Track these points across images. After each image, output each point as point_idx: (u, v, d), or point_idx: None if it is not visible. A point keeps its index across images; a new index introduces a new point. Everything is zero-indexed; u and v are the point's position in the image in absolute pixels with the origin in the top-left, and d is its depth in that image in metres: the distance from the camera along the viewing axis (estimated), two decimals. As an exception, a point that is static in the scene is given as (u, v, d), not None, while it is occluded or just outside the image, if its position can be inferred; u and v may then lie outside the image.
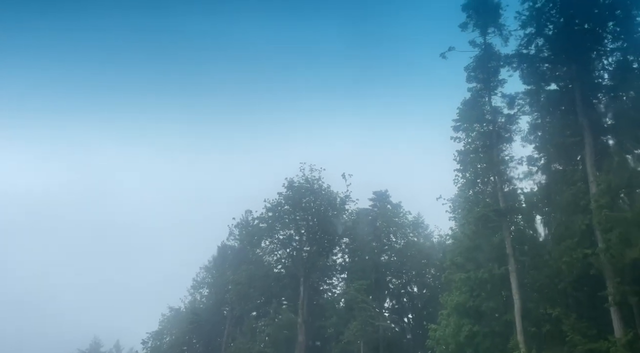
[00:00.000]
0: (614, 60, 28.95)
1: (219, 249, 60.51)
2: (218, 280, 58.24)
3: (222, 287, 57.41)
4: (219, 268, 59.13)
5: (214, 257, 60.62)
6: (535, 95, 31.19)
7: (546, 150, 31.03)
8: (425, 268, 52.33)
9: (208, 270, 60.45)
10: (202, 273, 60.59)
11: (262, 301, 55.16)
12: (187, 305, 59.36)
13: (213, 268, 60.04)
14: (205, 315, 56.71)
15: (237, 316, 54.50)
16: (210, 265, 60.51)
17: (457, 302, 33.00)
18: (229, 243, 60.15)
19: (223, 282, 57.19)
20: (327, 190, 51.80)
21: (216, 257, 60.36)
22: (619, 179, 24.57)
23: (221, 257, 59.93)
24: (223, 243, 60.39)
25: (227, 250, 60.12)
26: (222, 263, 59.47)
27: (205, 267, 60.63)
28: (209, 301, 58.20)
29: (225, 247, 60.24)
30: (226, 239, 60.17)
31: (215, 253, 60.67)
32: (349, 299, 46.71)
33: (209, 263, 60.79)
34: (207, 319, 56.02)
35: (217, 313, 57.51)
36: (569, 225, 26.91)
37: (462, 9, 32.97)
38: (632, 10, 27.93)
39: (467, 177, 34.19)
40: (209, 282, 59.90)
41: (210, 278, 59.89)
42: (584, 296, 26.38)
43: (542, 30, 30.21)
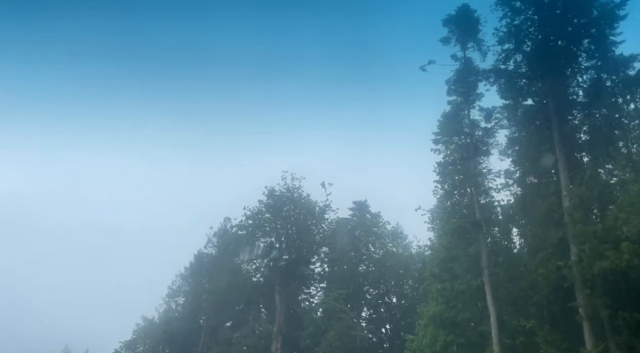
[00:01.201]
0: (588, 78, 29.88)
1: (195, 257, 59.56)
2: (194, 289, 57.27)
3: (198, 296, 56.44)
4: (195, 276, 58.15)
5: (191, 264, 59.61)
6: (512, 110, 31.90)
7: (522, 163, 31.69)
8: (403, 279, 52.45)
9: (184, 278, 59.37)
10: (178, 281, 59.49)
11: (239, 310, 54.41)
12: (161, 314, 58.08)
13: (189, 276, 59.01)
14: (180, 324, 55.57)
15: (213, 326, 53.58)
16: (186, 273, 59.46)
17: (434, 312, 33.14)
18: (206, 251, 59.35)
19: (199, 290, 56.26)
20: (306, 199, 51.75)
21: (193, 265, 59.37)
22: (591, 193, 25.19)
23: (198, 264, 58.98)
24: (200, 250, 59.54)
25: (204, 258, 59.23)
26: (198, 272, 58.53)
27: (181, 275, 59.56)
28: (185, 310, 57.07)
29: (203, 255, 59.35)
30: (204, 247, 59.40)
31: (192, 260, 59.70)
32: (327, 309, 46.46)
33: (185, 271, 59.74)
34: (181, 329, 54.89)
35: (193, 322, 56.45)
36: (543, 237, 27.40)
37: (443, 23, 33.69)
38: (606, 29, 28.89)
39: (446, 188, 34.53)
40: (185, 290, 58.81)
41: (187, 287, 58.82)
42: (557, 308, 26.76)
43: (520, 46, 30.99)
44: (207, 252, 59.43)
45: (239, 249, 54.51)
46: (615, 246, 22.23)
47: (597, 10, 29.08)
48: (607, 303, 22.87)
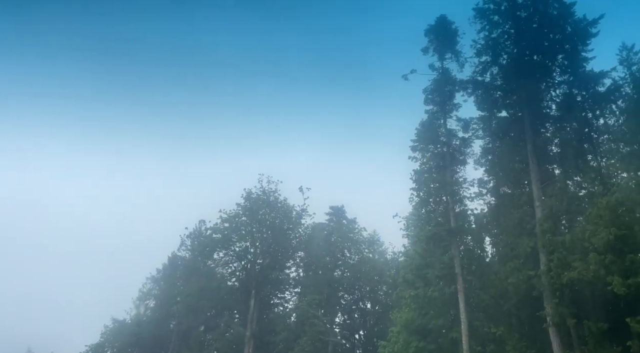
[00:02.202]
0: (561, 92, 30.76)
1: (169, 259, 58.41)
2: (166, 292, 56.15)
3: (170, 299, 55.35)
4: (167, 279, 57.01)
5: (164, 267, 58.42)
6: (488, 121, 32.55)
7: (496, 173, 32.31)
8: (378, 285, 52.71)
9: (156, 281, 58.09)
10: (149, 284, 58.12)
11: (212, 314, 53.60)
12: (131, 317, 56.69)
13: (161, 279, 57.79)
14: (150, 328, 54.33)
15: (184, 329, 52.58)
16: (158, 276, 58.21)
17: (406, 319, 33.36)
18: (180, 254, 58.25)
19: (171, 293, 55.20)
20: (283, 203, 51.49)
21: (166, 267, 58.18)
22: (560, 205, 25.84)
23: (171, 267, 57.86)
24: (174, 253, 58.41)
25: (178, 261, 58.16)
26: (171, 274, 57.42)
27: (152, 278, 58.26)
28: (155, 313, 55.83)
29: (176, 257, 58.26)
30: (177, 249, 58.33)
31: (166, 263, 58.54)
32: (301, 314, 46.27)
33: (157, 273, 58.49)
34: (152, 332, 53.67)
35: (163, 326, 55.29)
36: (515, 247, 27.93)
37: (424, 33, 34.21)
38: (579, 45, 29.80)
39: (421, 196, 34.89)
40: (156, 293, 57.53)
41: (158, 290, 57.56)
42: (526, 316, 27.25)
43: (496, 59, 31.69)
44: (181, 254, 58.42)
45: (214, 252, 53.82)
46: (582, 257, 22.83)
47: (571, 27, 29.99)
48: (573, 312, 23.43)
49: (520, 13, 31.27)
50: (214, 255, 54.36)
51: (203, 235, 56.44)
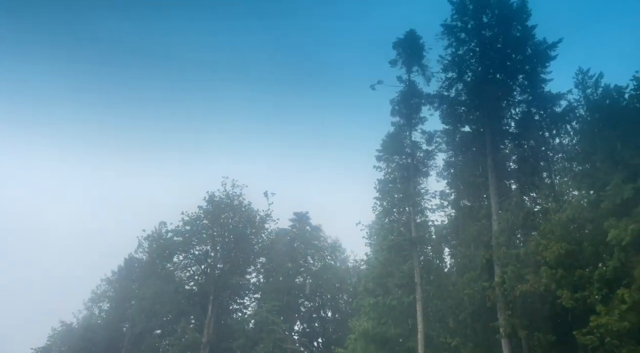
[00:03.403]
0: (520, 111, 31.93)
1: (125, 261, 56.55)
2: (120, 294, 54.29)
3: (124, 302, 53.54)
4: (123, 281, 55.14)
5: (119, 268, 56.52)
6: (451, 135, 33.38)
7: (457, 186, 33.14)
8: (339, 293, 52.83)
9: (110, 283, 56.08)
10: (103, 286, 56.06)
11: (168, 319, 52.13)
12: (81, 319, 54.38)
13: (116, 281, 55.84)
14: (102, 331, 52.34)
15: (138, 333, 50.90)
16: (113, 278, 56.23)
17: (365, 327, 33.56)
18: (137, 256, 56.52)
19: (126, 296, 53.42)
20: (247, 207, 50.90)
21: (121, 269, 56.30)
22: (516, 219, 26.75)
23: (127, 269, 56.04)
24: (130, 255, 56.63)
25: (135, 263, 56.41)
26: (127, 276, 55.59)
27: (107, 279, 56.22)
28: (108, 316, 53.86)
29: (133, 259, 56.49)
30: (134, 251, 56.54)
31: (122, 264, 56.63)
32: (259, 320, 45.70)
33: (112, 275, 56.51)
34: (103, 335, 51.71)
35: (116, 329, 53.36)
36: (472, 258, 28.65)
37: (393, 46, 34.86)
38: (538, 67, 31.10)
39: (385, 205, 35.34)
40: (110, 295, 55.51)
41: (112, 292, 55.58)
42: (480, 327, 27.95)
43: (462, 76, 32.62)
44: (138, 256, 56.67)
45: (174, 255, 52.53)
46: (535, 270, 23.67)
47: (532, 49, 31.27)
48: (525, 324, 24.21)
49: (485, 32, 32.35)
50: (174, 259, 53.04)
51: (163, 237, 55.02)
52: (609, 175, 22.54)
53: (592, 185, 23.89)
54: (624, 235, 20.18)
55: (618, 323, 19.07)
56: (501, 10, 32.12)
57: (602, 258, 22.00)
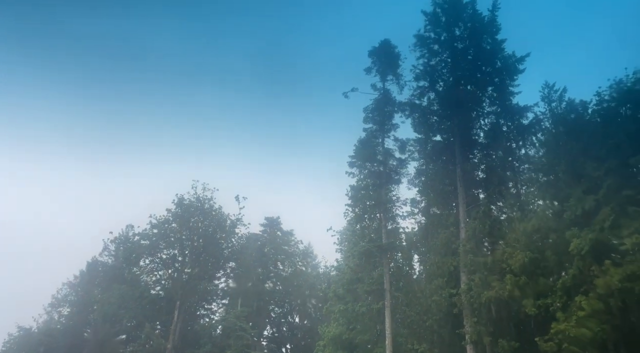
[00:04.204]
0: (489, 122, 32.73)
1: (88, 264, 54.68)
2: (83, 299, 52.42)
3: (87, 307, 51.71)
4: (85, 285, 53.27)
5: (82, 272, 54.59)
6: (423, 144, 33.90)
7: (427, 194, 33.63)
8: (308, 299, 52.70)
9: (72, 287, 54.09)
10: (64, 290, 54.01)
11: (132, 324, 50.66)
12: (40, 324, 52.21)
13: (79, 285, 53.90)
14: (62, 336, 50.37)
15: (100, 339, 49.23)
16: (75, 282, 54.27)
17: (334, 333, 33.60)
18: (101, 259, 54.78)
19: (89, 301, 51.61)
20: (218, 211, 50.14)
21: (84, 273, 54.39)
22: (483, 227, 27.34)
23: (90, 273, 54.19)
24: (94, 258, 54.83)
25: (99, 267, 54.64)
26: (90, 280, 53.76)
27: (69, 283, 54.19)
28: (69, 321, 51.87)
29: (97, 263, 54.70)
30: (99, 254, 54.80)
31: (84, 268, 54.72)
32: (227, 326, 45.05)
33: (75, 279, 54.56)
34: (64, 341, 49.77)
35: (77, 335, 51.43)
36: (440, 265, 29.05)
37: (368, 54, 35.29)
38: (507, 80, 32.01)
39: (357, 212, 35.52)
40: (71, 300, 53.52)
41: (74, 296, 53.62)
42: (447, 333, 28.32)
43: (434, 85, 33.24)
44: (103, 260, 54.95)
45: (139, 259, 51.20)
46: (500, 278, 24.22)
47: (501, 62, 32.17)
48: (490, 330, 24.69)
49: (457, 44, 33.11)
50: (140, 263, 51.70)
51: (130, 240, 53.57)
52: (572, 186, 23.34)
53: (556, 196, 24.66)
54: (583, 245, 20.90)
55: (576, 330, 19.67)
56: (473, 23, 32.96)
57: (565, 267, 22.69)
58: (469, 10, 33.17)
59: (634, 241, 19.50)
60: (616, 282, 19.58)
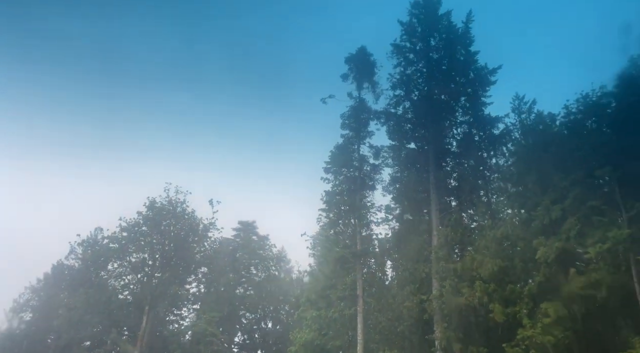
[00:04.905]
0: (461, 131, 33.48)
1: (53, 268, 52.75)
2: (47, 303, 50.51)
3: (50, 312, 49.83)
4: (50, 289, 51.36)
5: (46, 276, 52.63)
6: (398, 151, 34.37)
7: (401, 201, 34.06)
8: (281, 304, 52.33)
9: (35, 291, 52.05)
10: (27, 294, 51.93)
11: (98, 330, 49.13)
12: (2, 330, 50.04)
13: (42, 289, 51.94)
14: (23, 342, 48.45)
15: (64, 345, 47.54)
16: (39, 286, 52.28)
17: (306, 339, 33.42)
18: (67, 262, 52.92)
19: (53, 305, 49.77)
20: (190, 215, 49.26)
21: (49, 277, 52.43)
22: (455, 234, 27.83)
23: (55, 276, 52.29)
24: (60, 261, 52.97)
25: (65, 270, 52.76)
26: (55, 284, 51.87)
27: (32, 287, 52.14)
28: (31, 327, 49.89)
29: (62, 266, 52.80)
30: (65, 257, 52.97)
31: (49, 272, 52.80)
32: (197, 332, 44.26)
33: (38, 283, 52.57)
34: (25, 347, 47.90)
35: (40, 341, 49.56)
36: (412, 272, 29.43)
37: (345, 61, 35.54)
38: (479, 90, 32.83)
39: (331, 217, 35.60)
40: (34, 304, 51.52)
41: (37, 301, 51.65)
42: (417, 339, 28.65)
43: (409, 94, 33.81)
44: (69, 263, 53.12)
45: (108, 263, 49.80)
46: (470, 284, 24.67)
47: (474, 73, 33.00)
48: (459, 336, 25.07)
49: (432, 54, 33.79)
50: (108, 266, 50.26)
51: (99, 243, 52.04)
52: (540, 196, 24.04)
53: (525, 205, 25.36)
54: (549, 253, 21.54)
55: (542, 337, 20.19)
56: (447, 34, 33.71)
57: (531, 274, 23.31)
58: (444, 22, 33.93)
59: (597, 250, 20.21)
60: (579, 290, 20.23)
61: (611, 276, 20.00)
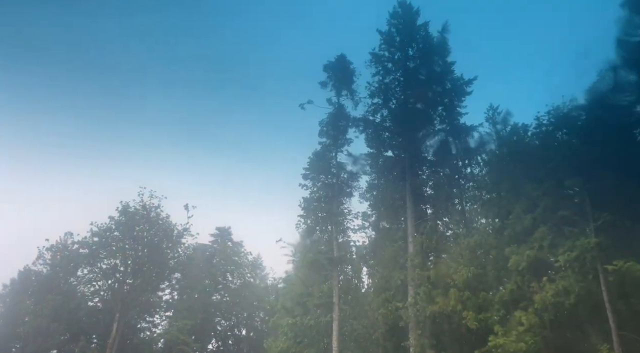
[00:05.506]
0: (438, 140, 33.96)
1: (20, 274, 50.93)
2: (12, 310, 48.66)
3: (16, 319, 48.04)
4: (16, 296, 49.51)
5: (12, 282, 50.77)
6: (375, 159, 34.66)
7: (378, 208, 34.30)
8: (255, 311, 51.85)
9: (0, 298, 50.22)
10: (-9, 301, 50.03)
11: (66, 338, 47.58)
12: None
13: (8, 295, 50.06)
14: (-14, 352, 46.55)
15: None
16: (4, 292, 50.38)
17: (281, 348, 33.12)
18: (35, 268, 51.19)
19: (19, 312, 47.99)
20: (165, 220, 48.34)
21: (15, 282, 50.59)
22: (430, 242, 28.13)
23: (22, 283, 50.46)
24: (27, 266, 51.19)
25: (32, 276, 51.01)
26: (22, 291, 50.05)
27: (-4, 294, 50.30)
28: (-6, 335, 48.05)
29: (30, 272, 51.03)
30: (32, 262, 51.21)
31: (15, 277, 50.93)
32: (169, 340, 43.40)
33: (3, 289, 50.66)
34: (-12, 358, 46.02)
35: (4, 350, 47.66)
36: (388, 279, 29.56)
37: (323, 68, 35.80)
38: (455, 100, 33.42)
39: (309, 223, 35.55)
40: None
41: (2, 307, 49.74)
42: (392, 346, 28.74)
43: (387, 102, 34.15)
44: (37, 269, 51.38)
45: (77, 269, 48.38)
46: (445, 292, 24.93)
47: (450, 83, 33.60)
48: (433, 343, 25.29)
49: (410, 64, 34.27)
50: (78, 272, 48.82)
51: (68, 249, 50.51)
52: (512, 205, 24.52)
53: (498, 214, 25.83)
54: (521, 261, 21.97)
55: (515, 345, 20.52)
56: (425, 44, 34.27)
57: (503, 282, 23.71)
58: (422, 32, 34.48)
59: (566, 258, 20.71)
60: (550, 297, 20.67)
61: (579, 284, 20.49)
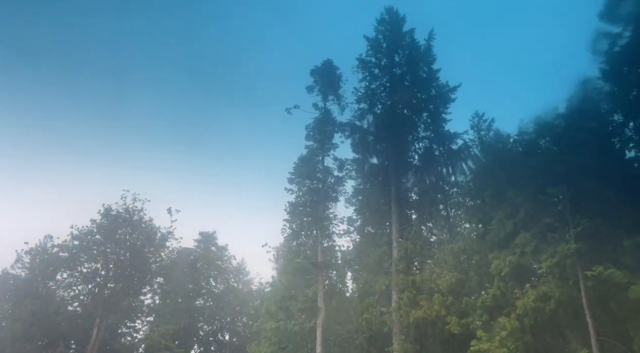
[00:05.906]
0: (423, 146, 34.32)
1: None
2: (-11, 316, 47.48)
3: (-8, 324, 46.84)
4: (-8, 300, 48.38)
5: (-10, 286, 49.56)
6: (361, 164, 34.87)
7: (364, 213, 34.40)
8: (238, 316, 51.43)
9: (-24, 303, 48.95)
10: (-34, 306, 48.63)
11: (44, 343, 46.49)
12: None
13: (-16, 300, 48.87)
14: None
15: (6, 361, 44.68)
16: (-20, 297, 49.16)
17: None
18: (13, 272, 49.95)
19: (-4, 317, 46.81)
20: (148, 223, 47.67)
21: (-8, 287, 49.41)
22: (414, 247, 28.31)
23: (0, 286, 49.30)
24: (5, 270, 49.95)
25: (10, 280, 49.78)
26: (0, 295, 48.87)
27: (-27, 299, 48.94)
28: (-31, 341, 46.68)
29: (8, 276, 49.76)
30: (10, 266, 49.98)
31: (-7, 281, 49.67)
32: (151, 345, 42.70)
33: (-21, 293, 49.39)
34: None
35: (-21, 356, 46.38)
36: (372, 284, 29.61)
37: (310, 73, 35.88)
38: (440, 107, 33.82)
39: (294, 228, 35.47)
40: (-26, 317, 48.32)
41: (-22, 313, 48.46)
42: (375, 351, 28.75)
43: (373, 108, 34.42)
44: (15, 272, 50.14)
45: (57, 273, 47.36)
46: (428, 297, 25.09)
47: (435, 90, 34.03)
48: (417, 348, 25.41)
49: (396, 70, 34.61)
50: (57, 276, 47.78)
51: (48, 252, 49.42)
52: (495, 211, 24.84)
53: (482, 220, 26.13)
54: (503, 266, 22.25)
55: (498, 350, 20.73)
56: (411, 51, 34.66)
57: (485, 287, 23.96)
58: (408, 39, 34.88)
59: (548, 264, 21.05)
60: (530, 302, 20.97)
61: (560, 289, 20.82)
